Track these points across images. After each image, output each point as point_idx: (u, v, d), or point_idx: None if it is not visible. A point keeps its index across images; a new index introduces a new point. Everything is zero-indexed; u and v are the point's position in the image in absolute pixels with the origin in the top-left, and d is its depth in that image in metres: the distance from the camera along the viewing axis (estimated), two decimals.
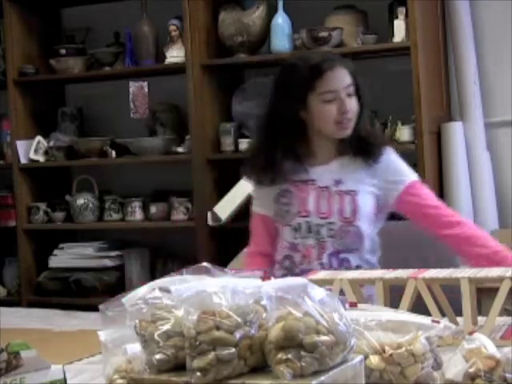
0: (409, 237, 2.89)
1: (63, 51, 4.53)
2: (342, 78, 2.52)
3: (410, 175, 2.61)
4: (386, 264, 2.59)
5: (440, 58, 3.97)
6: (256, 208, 2.68)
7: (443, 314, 2.07)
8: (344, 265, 2.54)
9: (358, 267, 2.54)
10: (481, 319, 2.09)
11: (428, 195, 2.60)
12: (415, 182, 2.60)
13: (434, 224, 2.57)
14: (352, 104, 2.53)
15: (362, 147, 2.56)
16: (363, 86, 2.58)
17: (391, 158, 2.61)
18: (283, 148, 2.54)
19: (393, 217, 3.53)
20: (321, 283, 1.48)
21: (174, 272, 1.52)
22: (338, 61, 2.55)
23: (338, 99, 2.50)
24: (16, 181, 4.54)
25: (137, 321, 1.44)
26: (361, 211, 2.54)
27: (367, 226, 2.58)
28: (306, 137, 2.58)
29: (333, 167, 2.58)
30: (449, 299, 2.13)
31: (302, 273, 2.18)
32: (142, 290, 1.50)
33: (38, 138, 4.52)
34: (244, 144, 4.10)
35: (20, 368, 1.53)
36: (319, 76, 2.49)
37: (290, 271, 2.56)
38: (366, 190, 2.56)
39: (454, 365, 1.50)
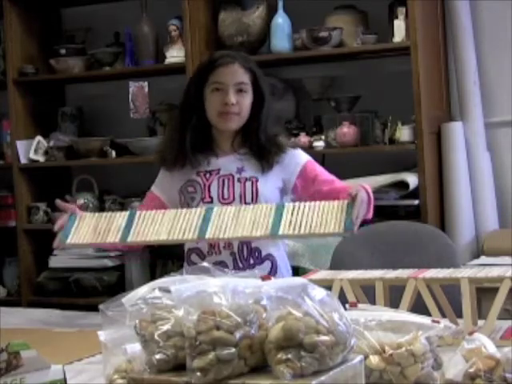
0: (408, 236, 2.89)
1: (63, 51, 4.52)
2: (233, 74, 2.67)
3: (303, 157, 2.74)
4: (385, 264, 2.59)
5: (440, 58, 3.97)
6: (154, 187, 2.81)
7: (443, 314, 2.08)
8: (255, 255, 2.65)
9: (269, 255, 2.67)
10: (480, 323, 2.09)
11: (321, 172, 2.72)
12: (308, 162, 2.73)
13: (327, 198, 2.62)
14: (241, 100, 2.66)
15: (258, 152, 2.69)
16: (267, 90, 2.73)
17: (290, 152, 2.73)
18: (189, 140, 2.70)
19: (391, 216, 3.54)
20: (321, 283, 1.48)
21: (174, 272, 1.52)
22: (238, 60, 2.70)
23: (224, 91, 2.66)
24: (16, 181, 4.54)
25: (137, 321, 1.44)
26: (262, 196, 2.65)
27: None
28: (209, 130, 2.74)
29: (235, 157, 2.72)
30: (448, 299, 2.14)
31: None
32: (142, 290, 1.50)
33: (38, 137, 4.52)
34: None
35: (20, 368, 1.53)
36: (212, 70, 2.68)
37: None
38: (267, 178, 2.68)
39: (454, 365, 1.50)
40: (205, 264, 1.51)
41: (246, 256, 2.65)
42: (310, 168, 2.72)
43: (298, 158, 2.74)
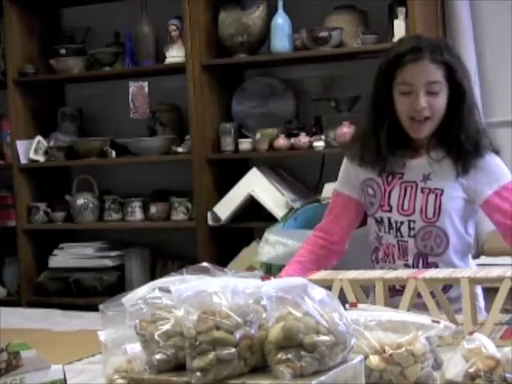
0: None
1: (63, 51, 4.52)
2: (424, 74, 2.35)
3: (503, 179, 2.41)
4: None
5: None
6: (340, 186, 2.58)
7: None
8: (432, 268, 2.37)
9: None
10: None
11: None
12: (506, 187, 2.40)
13: None
14: (432, 102, 2.36)
15: (456, 153, 2.40)
16: (467, 83, 2.42)
17: (488, 161, 2.41)
18: (384, 143, 2.43)
19: None
20: (321, 283, 1.48)
21: (174, 272, 1.52)
22: (429, 54, 2.36)
23: (414, 93, 2.36)
24: (16, 181, 4.54)
25: (137, 321, 1.44)
26: (444, 213, 2.39)
27: (452, 228, 2.42)
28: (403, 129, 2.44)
29: (422, 161, 2.44)
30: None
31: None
32: (142, 290, 1.50)
33: (38, 138, 4.52)
34: (244, 144, 4.10)
35: (20, 368, 1.53)
36: (401, 66, 2.37)
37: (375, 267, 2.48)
38: (454, 191, 2.41)
39: (454, 365, 1.50)
40: (205, 264, 1.51)
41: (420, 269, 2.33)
42: (503, 195, 2.38)
43: (499, 171, 2.41)
